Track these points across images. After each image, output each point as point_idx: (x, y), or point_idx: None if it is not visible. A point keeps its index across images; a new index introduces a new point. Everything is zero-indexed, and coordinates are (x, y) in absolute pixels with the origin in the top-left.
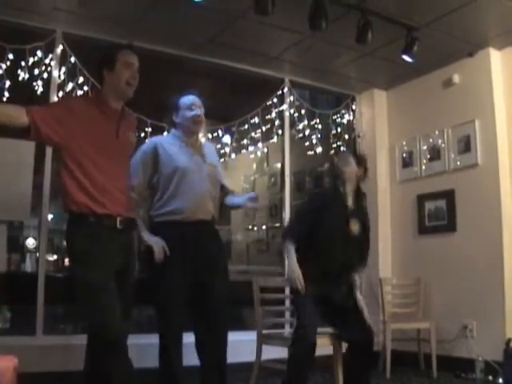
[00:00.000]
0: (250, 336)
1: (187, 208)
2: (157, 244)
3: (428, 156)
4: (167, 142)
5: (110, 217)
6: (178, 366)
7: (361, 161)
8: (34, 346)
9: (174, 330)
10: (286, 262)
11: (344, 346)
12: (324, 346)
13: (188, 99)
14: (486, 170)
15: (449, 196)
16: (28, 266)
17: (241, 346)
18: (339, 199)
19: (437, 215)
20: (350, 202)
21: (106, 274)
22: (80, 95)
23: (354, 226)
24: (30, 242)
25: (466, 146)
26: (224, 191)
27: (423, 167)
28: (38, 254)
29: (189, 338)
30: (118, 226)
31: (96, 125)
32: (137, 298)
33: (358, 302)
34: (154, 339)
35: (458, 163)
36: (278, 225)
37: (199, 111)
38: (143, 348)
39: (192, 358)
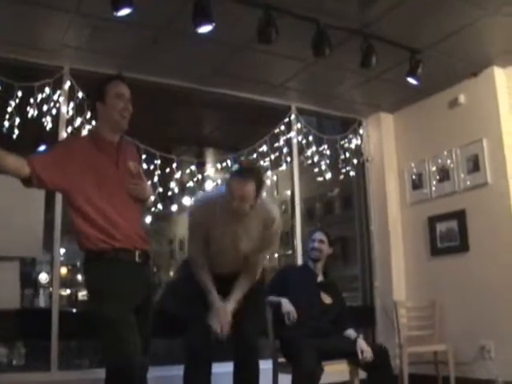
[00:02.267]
0: (266, 365)
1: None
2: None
3: (437, 177)
4: (210, 207)
5: (128, 251)
6: None
7: (332, 242)
8: (49, 382)
9: (197, 357)
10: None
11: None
12: (341, 372)
13: (232, 184)
14: (496, 188)
15: (460, 216)
16: (41, 302)
17: None
18: (308, 273)
19: (449, 236)
20: (320, 277)
21: (126, 309)
22: (77, 136)
23: (326, 299)
24: (43, 278)
25: (474, 165)
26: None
27: (433, 188)
28: (51, 289)
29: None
30: (136, 259)
31: (96, 161)
32: (155, 331)
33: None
34: (171, 371)
35: (468, 183)
36: (290, 252)
37: (235, 203)
38: (161, 380)
39: None
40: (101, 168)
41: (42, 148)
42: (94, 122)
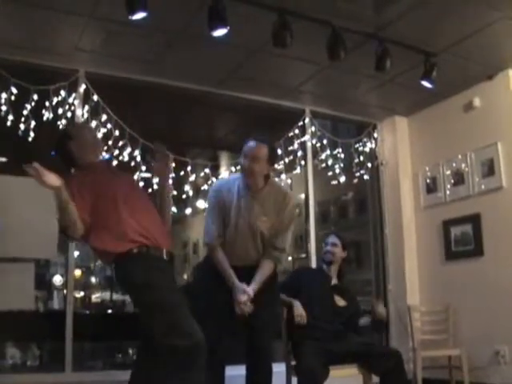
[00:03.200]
0: (279, 368)
1: (228, 256)
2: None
3: (452, 181)
4: (228, 187)
5: (158, 248)
6: None
7: (346, 246)
8: (63, 383)
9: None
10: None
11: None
12: (354, 377)
13: (245, 147)
14: (511, 192)
15: (475, 220)
16: (55, 304)
17: None
18: (322, 276)
19: (463, 240)
20: (334, 280)
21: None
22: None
23: (339, 302)
24: (57, 280)
25: (489, 169)
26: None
27: (447, 192)
28: (65, 291)
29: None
30: (164, 256)
31: (99, 183)
32: None
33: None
34: None
35: (483, 187)
36: (303, 256)
37: (248, 162)
38: None
39: None
40: (107, 186)
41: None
42: (109, 125)
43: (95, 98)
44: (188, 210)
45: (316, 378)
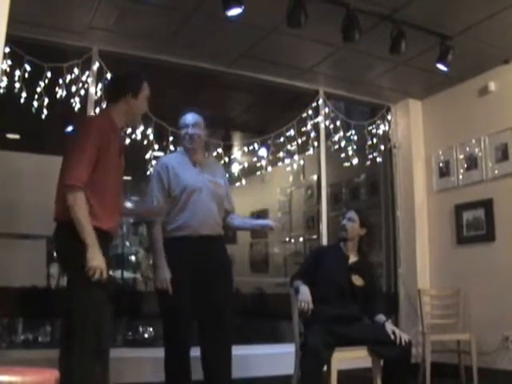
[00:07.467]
0: (289, 349)
1: (191, 224)
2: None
3: (465, 165)
4: (176, 161)
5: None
6: (181, 378)
7: (365, 223)
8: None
9: (178, 342)
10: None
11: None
12: (363, 359)
13: (183, 118)
14: None
15: (487, 205)
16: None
17: (279, 358)
18: (340, 255)
19: (475, 225)
20: (352, 258)
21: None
22: (100, 118)
23: (357, 281)
24: None
25: (503, 154)
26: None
27: (460, 177)
28: None
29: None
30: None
31: (111, 146)
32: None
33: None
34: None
35: (496, 172)
36: (315, 237)
37: (191, 130)
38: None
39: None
40: (114, 154)
41: (70, 129)
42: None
43: (108, 75)
44: None
45: (319, 357)
